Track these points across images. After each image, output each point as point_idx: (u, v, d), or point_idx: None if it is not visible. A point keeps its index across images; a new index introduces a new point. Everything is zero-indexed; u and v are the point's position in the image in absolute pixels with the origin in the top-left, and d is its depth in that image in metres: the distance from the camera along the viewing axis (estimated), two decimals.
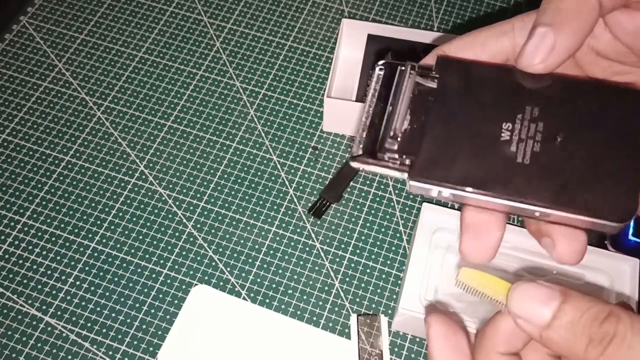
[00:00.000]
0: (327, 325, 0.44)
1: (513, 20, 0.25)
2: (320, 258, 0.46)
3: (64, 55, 0.56)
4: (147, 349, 0.43)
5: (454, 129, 0.24)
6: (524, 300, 0.21)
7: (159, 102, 0.54)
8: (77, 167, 0.50)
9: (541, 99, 0.24)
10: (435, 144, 0.23)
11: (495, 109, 0.24)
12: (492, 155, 0.23)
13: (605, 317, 0.20)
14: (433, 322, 0.25)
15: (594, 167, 0.22)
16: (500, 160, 0.23)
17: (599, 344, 0.20)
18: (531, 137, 0.23)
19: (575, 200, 0.22)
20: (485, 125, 0.23)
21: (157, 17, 0.58)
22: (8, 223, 0.47)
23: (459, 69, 0.25)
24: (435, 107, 0.24)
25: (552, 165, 0.22)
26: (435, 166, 0.23)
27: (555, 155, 0.23)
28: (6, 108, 0.53)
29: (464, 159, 0.23)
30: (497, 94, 0.24)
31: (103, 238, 0.47)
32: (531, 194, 0.22)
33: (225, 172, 0.50)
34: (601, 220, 0.22)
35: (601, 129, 0.23)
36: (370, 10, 0.59)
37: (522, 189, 0.22)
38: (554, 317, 0.21)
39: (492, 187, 0.22)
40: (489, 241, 0.24)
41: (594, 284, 0.41)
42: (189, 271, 0.46)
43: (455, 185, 0.23)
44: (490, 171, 0.23)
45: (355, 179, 0.50)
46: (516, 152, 0.23)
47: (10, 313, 0.44)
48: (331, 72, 0.50)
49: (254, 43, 0.57)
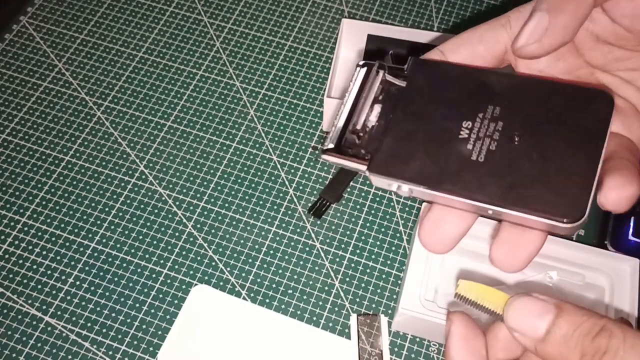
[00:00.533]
0: (327, 325, 0.44)
1: (509, 13, 0.25)
2: (320, 258, 0.46)
3: (64, 55, 0.56)
4: (147, 349, 0.43)
5: (417, 126, 0.24)
6: (520, 314, 0.22)
7: (159, 102, 0.54)
8: (77, 167, 0.50)
9: (504, 99, 0.24)
10: (396, 140, 0.24)
11: (457, 108, 0.24)
12: (448, 153, 0.23)
13: (598, 331, 0.20)
14: (456, 320, 0.25)
15: (548, 167, 0.22)
16: (455, 157, 0.23)
17: (592, 358, 0.20)
18: (489, 135, 0.23)
19: (525, 199, 0.22)
20: (446, 123, 0.24)
21: (157, 17, 0.58)
22: (8, 223, 0.47)
23: (429, 69, 0.25)
24: (401, 105, 0.25)
25: (506, 164, 0.22)
26: (393, 161, 0.24)
27: (510, 154, 0.23)
28: (6, 108, 0.53)
29: (421, 155, 0.23)
30: (462, 94, 0.24)
31: (103, 238, 0.47)
32: (480, 191, 0.22)
33: (225, 172, 0.50)
34: (551, 221, 0.21)
35: (560, 130, 0.23)
36: (370, 10, 0.59)
37: (471, 186, 0.22)
38: (548, 331, 0.21)
39: (443, 184, 0.23)
40: (444, 234, 0.24)
41: (594, 284, 0.41)
42: (189, 271, 0.46)
43: (408, 181, 0.23)
44: (443, 168, 0.23)
45: (355, 179, 0.50)
46: (472, 150, 0.23)
47: (10, 313, 0.44)
48: (331, 72, 0.50)
49: (254, 43, 0.57)
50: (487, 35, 0.25)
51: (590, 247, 0.41)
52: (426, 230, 0.24)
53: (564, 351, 0.21)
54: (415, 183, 0.23)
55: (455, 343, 0.25)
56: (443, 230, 0.24)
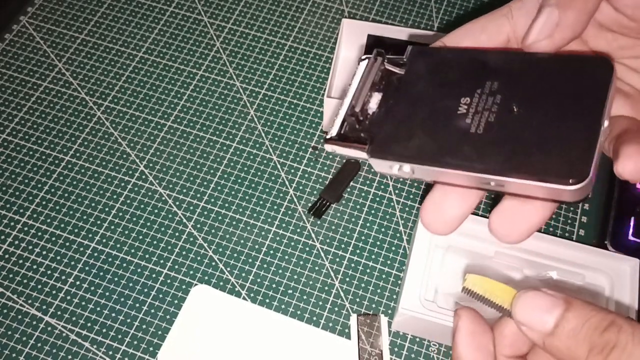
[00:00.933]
0: (327, 325, 0.44)
1: (510, 3, 0.25)
2: (320, 258, 0.46)
3: (64, 55, 0.56)
4: (147, 349, 0.43)
5: (415, 109, 0.24)
6: (528, 308, 0.22)
7: (159, 102, 0.54)
8: (77, 167, 0.50)
9: (502, 74, 0.24)
10: (395, 123, 0.24)
11: (455, 87, 0.24)
12: (447, 128, 0.23)
13: (607, 325, 0.20)
14: (463, 315, 0.25)
15: (549, 133, 0.22)
16: (454, 132, 0.23)
17: (600, 352, 0.20)
18: (487, 109, 0.23)
19: (527, 165, 0.21)
20: (444, 102, 0.24)
21: (157, 17, 0.58)
22: (8, 223, 0.47)
23: (428, 55, 0.26)
24: (400, 91, 0.25)
25: (505, 134, 0.22)
26: (392, 143, 0.24)
27: (509, 124, 0.22)
28: (6, 108, 0.53)
29: (420, 134, 0.23)
30: (460, 73, 0.24)
31: (103, 238, 0.47)
32: (481, 161, 0.22)
33: (225, 172, 0.50)
34: (555, 184, 0.21)
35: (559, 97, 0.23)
36: (370, 10, 0.59)
37: (471, 157, 0.22)
38: (556, 325, 0.21)
39: (443, 158, 0.23)
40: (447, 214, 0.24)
41: (594, 284, 0.41)
42: (189, 271, 0.46)
43: (409, 159, 0.23)
44: (443, 143, 0.23)
45: (355, 179, 0.50)
46: (470, 123, 0.23)
47: (10, 313, 0.44)
48: (331, 72, 0.50)
49: (254, 43, 0.57)
50: (489, 26, 0.25)
51: (590, 247, 0.41)
52: (428, 211, 0.24)
53: (572, 345, 0.20)
54: (416, 161, 0.23)
55: (462, 339, 0.25)
56: (445, 211, 0.24)
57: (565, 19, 0.22)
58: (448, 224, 0.24)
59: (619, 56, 0.26)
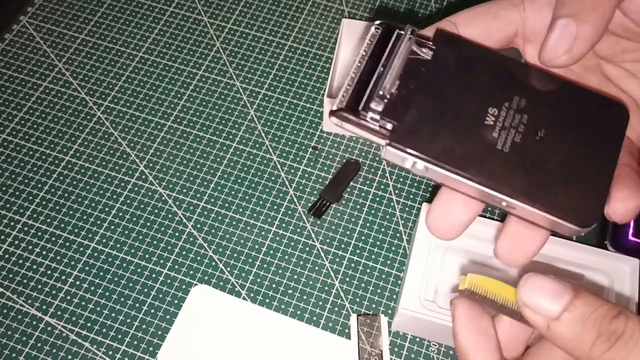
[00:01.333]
0: (327, 325, 0.44)
1: None
2: (320, 258, 0.46)
3: (64, 55, 0.56)
4: (147, 349, 0.43)
5: (441, 104, 0.23)
6: (536, 291, 0.21)
7: (159, 102, 0.54)
8: (77, 167, 0.50)
9: (530, 92, 0.24)
10: (419, 114, 0.23)
11: (484, 92, 0.23)
12: (474, 137, 0.23)
13: (615, 315, 0.20)
14: (459, 304, 0.25)
15: (568, 169, 0.22)
16: (481, 143, 0.23)
17: (607, 340, 0.20)
18: (514, 127, 0.23)
19: (544, 197, 0.22)
20: (471, 106, 0.23)
21: (157, 17, 0.58)
22: (8, 223, 0.47)
23: (456, 45, 0.24)
24: (426, 78, 0.24)
25: (529, 159, 0.22)
26: (416, 136, 0.22)
27: (534, 150, 0.23)
28: (6, 108, 0.53)
29: (445, 135, 0.23)
30: (489, 78, 0.24)
31: (103, 238, 0.47)
32: (504, 182, 0.22)
33: (225, 172, 0.50)
34: (565, 222, 0.22)
35: (580, 134, 0.23)
36: (370, 10, 0.59)
37: (496, 176, 0.22)
38: (564, 310, 0.21)
39: (468, 169, 0.22)
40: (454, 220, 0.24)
41: (594, 284, 0.41)
42: (189, 271, 0.46)
43: (433, 159, 0.22)
44: (469, 152, 0.22)
45: (355, 179, 0.50)
46: (497, 138, 0.23)
47: (10, 313, 0.44)
48: (331, 72, 0.50)
49: (254, 43, 0.57)
50: (501, 15, 0.25)
51: (590, 247, 0.41)
52: (435, 215, 0.24)
53: (579, 331, 0.20)
54: (438, 164, 0.22)
55: (462, 327, 0.24)
56: (452, 216, 0.24)
57: (584, 32, 0.22)
58: (455, 228, 0.24)
59: (620, 60, 0.25)
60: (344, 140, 0.52)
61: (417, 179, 0.50)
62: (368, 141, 0.22)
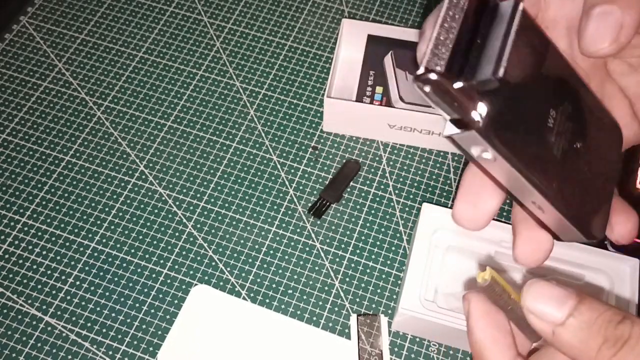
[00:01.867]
0: (327, 325, 0.44)
1: None
2: (320, 258, 0.46)
3: (64, 55, 0.56)
4: (147, 349, 0.43)
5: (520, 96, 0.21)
6: (540, 297, 0.21)
7: (159, 102, 0.54)
8: (77, 167, 0.50)
9: (572, 98, 0.23)
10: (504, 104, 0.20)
11: (547, 92, 0.23)
12: (541, 140, 0.22)
13: (620, 319, 0.20)
14: (473, 298, 0.24)
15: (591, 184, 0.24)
16: (546, 147, 0.22)
17: (613, 345, 0.20)
18: (564, 133, 0.23)
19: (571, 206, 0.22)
20: (541, 105, 0.22)
21: (157, 17, 0.58)
22: (8, 223, 0.47)
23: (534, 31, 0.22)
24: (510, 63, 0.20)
25: (571, 168, 0.23)
26: (503, 130, 0.20)
27: (573, 159, 0.23)
28: (6, 108, 0.53)
29: (523, 132, 0.21)
30: (551, 77, 0.23)
31: (103, 238, 0.47)
32: (556, 189, 0.22)
33: (225, 172, 0.50)
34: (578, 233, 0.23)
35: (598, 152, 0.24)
36: (370, 10, 0.59)
37: (551, 181, 0.22)
38: (569, 316, 0.21)
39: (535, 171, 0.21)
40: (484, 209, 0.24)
41: (594, 285, 0.41)
42: (189, 271, 0.46)
43: (510, 156, 0.20)
44: (539, 155, 0.22)
45: (355, 179, 0.50)
46: (554, 143, 0.22)
47: (10, 313, 0.44)
48: (331, 72, 0.50)
49: (254, 43, 0.57)
50: None
51: (590, 247, 0.41)
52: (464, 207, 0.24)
53: (585, 337, 0.20)
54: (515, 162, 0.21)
55: (477, 322, 0.24)
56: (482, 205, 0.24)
57: (631, 19, 0.21)
58: (485, 217, 0.24)
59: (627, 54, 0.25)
60: (344, 140, 0.52)
61: (417, 179, 0.50)
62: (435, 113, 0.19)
